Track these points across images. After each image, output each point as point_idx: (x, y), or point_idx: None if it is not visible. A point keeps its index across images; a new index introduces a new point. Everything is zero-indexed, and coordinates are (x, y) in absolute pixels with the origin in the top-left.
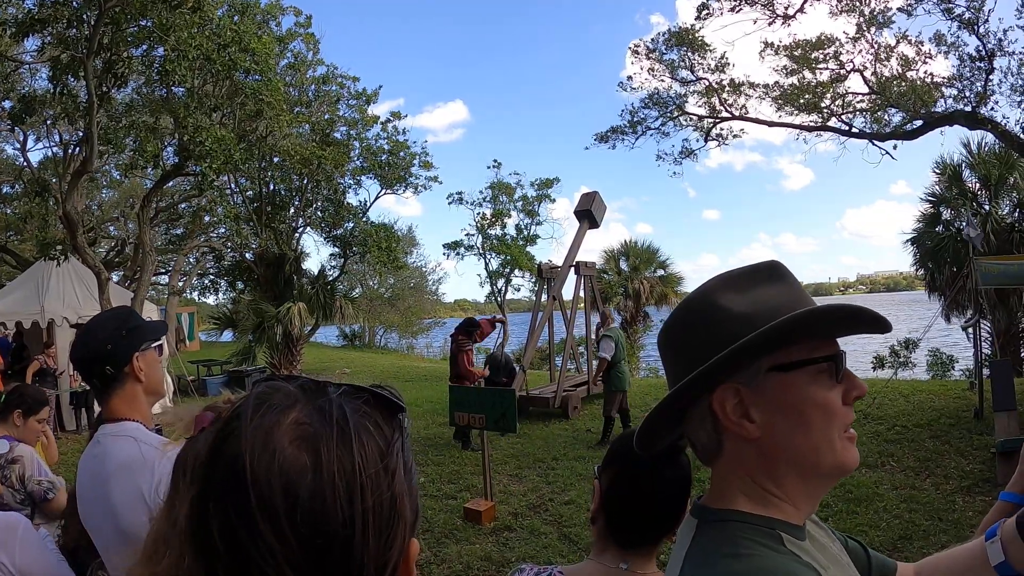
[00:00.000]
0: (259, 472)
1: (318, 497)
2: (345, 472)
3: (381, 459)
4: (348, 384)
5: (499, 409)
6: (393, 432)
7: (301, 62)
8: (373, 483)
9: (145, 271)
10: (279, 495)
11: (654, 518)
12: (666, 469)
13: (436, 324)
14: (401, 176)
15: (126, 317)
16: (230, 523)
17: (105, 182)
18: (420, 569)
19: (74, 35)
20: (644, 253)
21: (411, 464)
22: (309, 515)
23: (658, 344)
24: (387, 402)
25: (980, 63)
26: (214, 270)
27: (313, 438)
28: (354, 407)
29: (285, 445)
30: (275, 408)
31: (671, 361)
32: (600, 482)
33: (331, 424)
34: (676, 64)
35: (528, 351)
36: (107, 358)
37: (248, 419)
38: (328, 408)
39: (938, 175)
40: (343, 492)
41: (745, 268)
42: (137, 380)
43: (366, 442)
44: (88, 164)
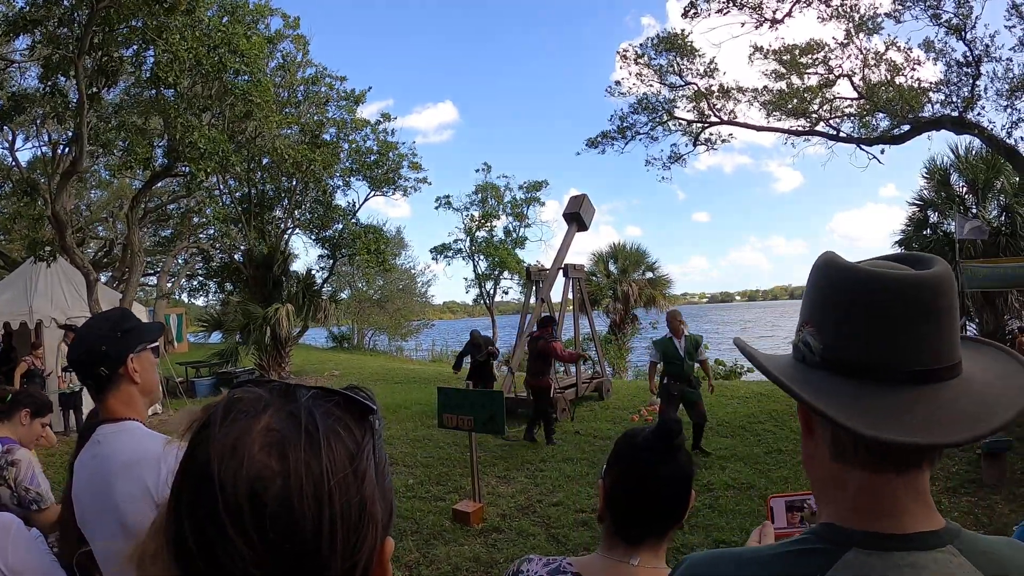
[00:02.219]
0: (227, 479)
1: (286, 503)
2: (313, 477)
3: (351, 462)
4: (319, 387)
5: (487, 411)
6: (364, 434)
7: (290, 63)
8: (342, 488)
9: (134, 272)
10: (246, 501)
11: (659, 513)
12: (667, 466)
13: (425, 326)
14: (390, 178)
15: (121, 319)
16: (202, 529)
17: (94, 182)
18: (408, 570)
19: (65, 34)
20: (633, 255)
21: (384, 464)
22: (277, 521)
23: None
24: (358, 404)
25: (967, 68)
26: (203, 271)
27: (282, 444)
28: (324, 411)
29: (255, 452)
30: (246, 414)
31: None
32: (604, 482)
33: (300, 429)
34: (665, 69)
35: (516, 353)
36: (102, 359)
37: (218, 426)
38: (298, 413)
39: (927, 179)
40: (311, 497)
41: (926, 293)
42: (132, 381)
43: (335, 446)
44: (77, 164)
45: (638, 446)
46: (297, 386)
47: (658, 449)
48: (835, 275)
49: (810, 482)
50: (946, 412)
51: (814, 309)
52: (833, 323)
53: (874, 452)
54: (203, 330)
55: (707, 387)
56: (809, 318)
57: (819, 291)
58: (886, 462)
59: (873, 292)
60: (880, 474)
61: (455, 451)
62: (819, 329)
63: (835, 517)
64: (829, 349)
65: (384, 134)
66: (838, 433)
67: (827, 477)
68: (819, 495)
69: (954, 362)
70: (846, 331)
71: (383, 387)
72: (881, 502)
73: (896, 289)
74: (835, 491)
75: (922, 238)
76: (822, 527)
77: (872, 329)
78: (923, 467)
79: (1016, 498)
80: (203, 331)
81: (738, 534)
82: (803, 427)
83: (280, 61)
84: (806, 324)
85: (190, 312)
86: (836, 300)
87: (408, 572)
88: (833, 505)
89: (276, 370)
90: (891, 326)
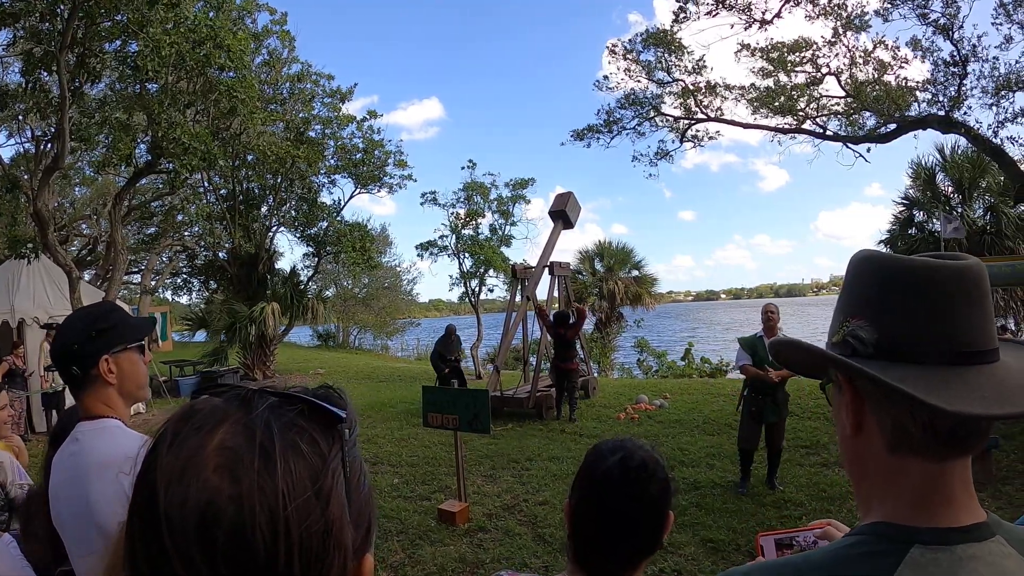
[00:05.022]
0: (173, 509)
1: (238, 534)
2: (268, 503)
3: (313, 482)
4: (282, 393)
5: (472, 410)
6: (331, 447)
7: (276, 59)
8: (301, 513)
9: (117, 270)
10: (194, 533)
11: (623, 549)
12: (630, 502)
13: (411, 324)
14: (375, 175)
15: (99, 316)
16: (153, 562)
17: (78, 179)
18: (394, 571)
19: (47, 29)
20: (619, 254)
21: (359, 475)
22: (228, 556)
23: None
24: (324, 412)
25: (954, 68)
26: (187, 269)
27: (234, 465)
28: (285, 422)
29: (207, 474)
30: (199, 430)
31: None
32: (570, 502)
33: (254, 447)
34: (653, 65)
35: (502, 351)
36: (72, 359)
37: (166, 446)
38: (253, 427)
39: (913, 178)
40: (265, 526)
41: (970, 279)
42: (107, 382)
43: (294, 465)
44: (59, 160)
45: (597, 479)
46: (257, 393)
47: (618, 483)
48: (889, 268)
49: (855, 483)
50: (1008, 387)
51: (864, 303)
52: (890, 313)
53: (941, 437)
54: (188, 329)
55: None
56: (857, 312)
57: (869, 285)
58: (950, 447)
59: (933, 281)
60: (941, 462)
61: (441, 450)
62: (872, 321)
63: (890, 515)
64: (886, 338)
65: (370, 131)
66: (902, 422)
67: (881, 473)
68: (869, 494)
69: (996, 345)
70: (904, 319)
71: (368, 385)
72: (940, 493)
73: (952, 277)
74: (890, 487)
75: (907, 237)
76: (878, 526)
77: (932, 315)
78: (972, 454)
79: (1001, 496)
80: (188, 330)
81: (725, 532)
82: (851, 426)
83: (266, 58)
84: (852, 318)
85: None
86: (893, 291)
87: (393, 573)
88: (889, 502)
89: (261, 369)
90: (949, 311)
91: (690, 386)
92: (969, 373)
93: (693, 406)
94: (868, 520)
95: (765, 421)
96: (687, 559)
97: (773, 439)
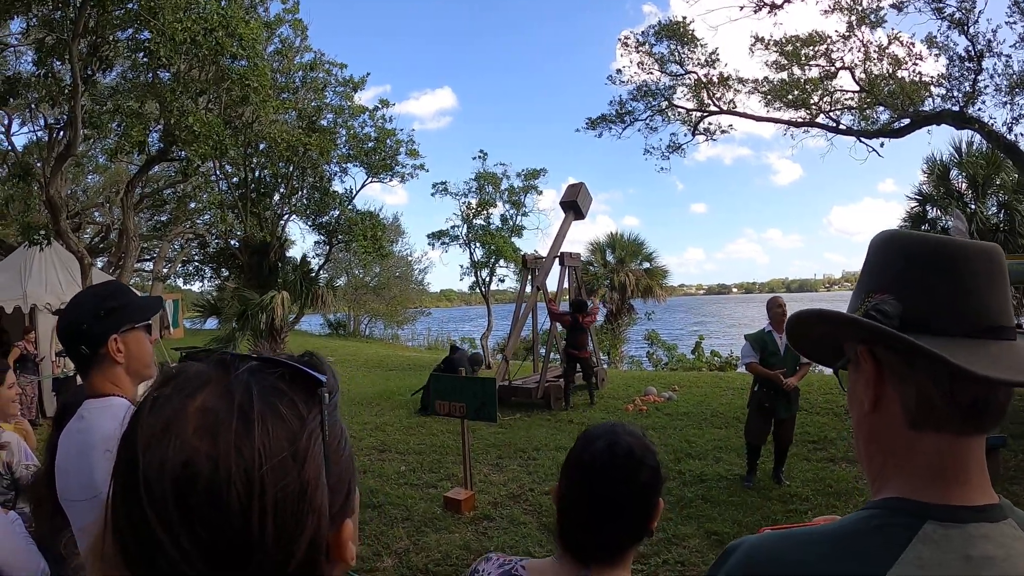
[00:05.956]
0: (151, 469)
1: (214, 493)
2: (244, 463)
3: (291, 443)
4: (262, 358)
5: (479, 398)
6: (311, 410)
7: (288, 48)
8: (276, 473)
9: (128, 257)
10: (171, 493)
11: (609, 532)
12: (617, 486)
13: (421, 314)
14: (387, 164)
15: (108, 295)
16: (132, 523)
17: (91, 167)
18: (398, 557)
19: (59, 17)
20: (630, 246)
21: (339, 439)
22: (205, 516)
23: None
24: (305, 376)
25: (969, 63)
26: (199, 257)
27: (214, 427)
28: (265, 385)
29: (187, 435)
30: (180, 392)
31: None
32: (559, 485)
33: (233, 409)
34: (666, 57)
35: (511, 341)
36: (81, 338)
37: (148, 408)
38: (233, 389)
39: (927, 174)
40: (240, 485)
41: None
42: (115, 361)
43: (272, 426)
44: (71, 148)
45: (585, 463)
46: (239, 357)
47: (606, 467)
48: (916, 246)
49: (868, 461)
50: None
51: (888, 280)
52: (916, 288)
53: (961, 408)
54: (199, 316)
55: (793, 379)
56: (881, 287)
57: (894, 263)
58: (968, 421)
59: (962, 258)
60: (960, 437)
61: (448, 438)
62: (897, 296)
63: (904, 491)
64: (911, 311)
65: (382, 120)
66: (924, 392)
67: (897, 449)
68: (883, 471)
69: (1014, 324)
70: (930, 294)
71: (378, 374)
72: (955, 470)
73: (980, 255)
74: (905, 463)
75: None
76: (891, 501)
77: (959, 290)
78: (986, 432)
79: (1009, 495)
80: (199, 317)
81: (730, 525)
82: (870, 401)
83: (278, 46)
84: (875, 294)
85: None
86: (920, 267)
87: (398, 559)
88: (903, 477)
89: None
90: (976, 287)
91: (699, 379)
92: (992, 346)
93: (702, 399)
94: (881, 496)
95: (778, 417)
96: (691, 551)
97: (783, 434)
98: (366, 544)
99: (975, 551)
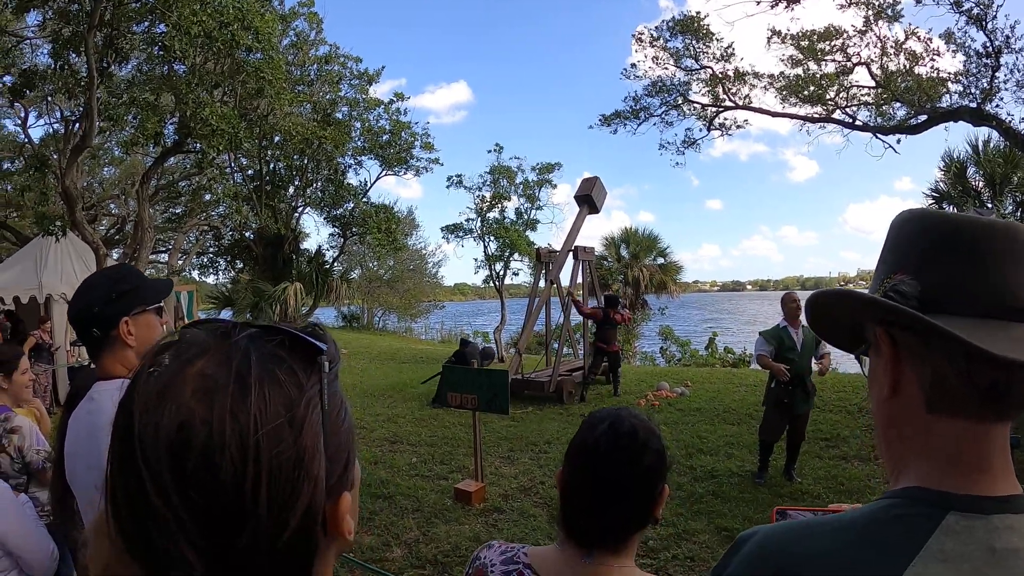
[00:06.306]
0: (147, 432)
1: (208, 457)
2: (239, 427)
3: (287, 410)
4: (263, 325)
5: (491, 390)
6: (310, 378)
7: (303, 41)
8: (272, 439)
9: (143, 248)
10: (165, 458)
11: (612, 517)
12: (621, 468)
13: (435, 307)
14: (402, 157)
15: (119, 279)
16: (127, 488)
17: (106, 160)
18: (408, 548)
19: (76, 10)
20: (645, 241)
21: (339, 409)
22: (198, 480)
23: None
24: (305, 344)
25: (987, 59)
26: (213, 249)
27: (210, 392)
28: (264, 352)
29: (184, 400)
30: (180, 357)
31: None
32: (562, 470)
33: (230, 374)
34: (681, 52)
35: (524, 335)
36: (93, 321)
37: (145, 373)
38: (232, 355)
39: (943, 171)
40: (236, 450)
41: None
42: (126, 344)
43: (269, 392)
44: (87, 139)
45: (589, 446)
46: (239, 325)
47: (609, 449)
48: (937, 224)
49: (886, 448)
50: None
51: (908, 259)
52: (936, 267)
53: (979, 390)
54: (214, 307)
55: (817, 371)
56: (900, 268)
57: (915, 242)
58: (988, 405)
59: (984, 236)
60: (979, 422)
61: (460, 431)
62: (916, 275)
63: (924, 479)
64: (930, 291)
65: (397, 114)
66: (941, 373)
67: (916, 435)
68: (901, 459)
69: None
70: (951, 272)
71: (391, 366)
72: (977, 458)
73: (1002, 234)
74: (925, 450)
75: None
76: (912, 490)
77: (981, 268)
78: (1009, 420)
79: None
80: (214, 308)
81: (741, 521)
82: (889, 386)
83: (293, 39)
84: (895, 274)
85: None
86: (941, 246)
87: (407, 550)
88: (923, 466)
89: None
90: (998, 266)
91: (712, 375)
92: (1014, 328)
93: (714, 395)
94: (900, 485)
95: (797, 412)
96: (701, 546)
97: (796, 430)
98: (376, 534)
99: (1000, 543)
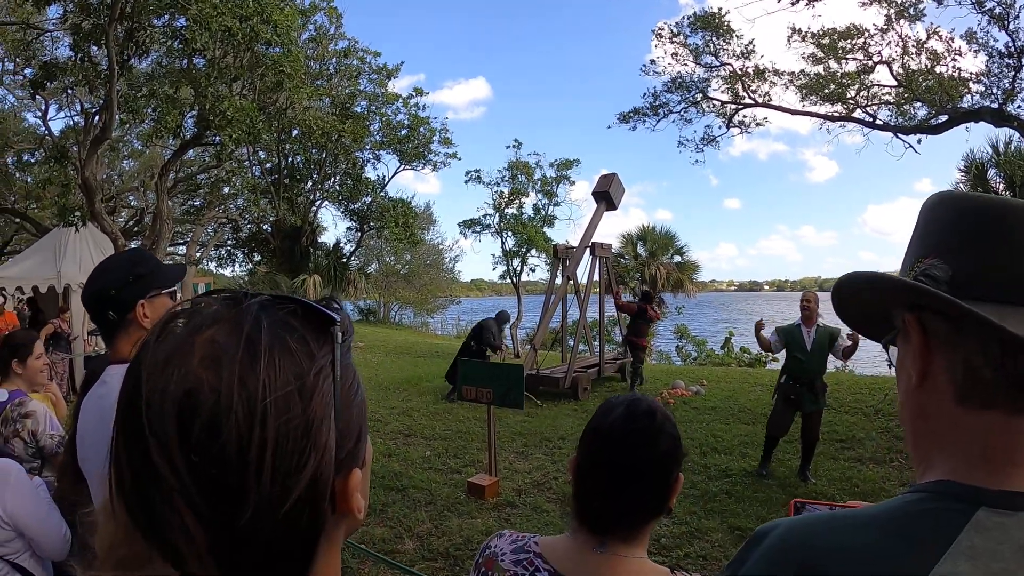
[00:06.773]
0: (154, 396)
1: (215, 424)
2: (247, 394)
3: (297, 379)
4: (274, 295)
5: (505, 384)
6: (322, 348)
7: (323, 35)
8: (280, 407)
9: (161, 240)
10: (172, 421)
11: (625, 504)
12: (636, 452)
13: (452, 302)
14: (420, 152)
15: (136, 262)
16: (130, 455)
17: (126, 152)
18: (420, 541)
19: (96, 3)
20: (662, 239)
21: (351, 381)
22: (204, 444)
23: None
24: (318, 314)
25: (1009, 59)
26: (231, 241)
27: (219, 359)
28: (275, 320)
29: (192, 367)
30: (188, 325)
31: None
32: (577, 458)
33: (240, 341)
34: (700, 48)
35: (540, 331)
36: (110, 303)
37: (155, 339)
38: (242, 321)
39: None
40: (243, 416)
41: None
42: (141, 327)
43: (279, 360)
44: (107, 131)
45: (603, 431)
46: (250, 294)
47: (624, 432)
48: (969, 207)
49: (913, 440)
50: None
51: (939, 243)
52: (968, 250)
53: (1012, 378)
54: None
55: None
56: (932, 251)
57: (945, 226)
58: (1021, 393)
59: (1020, 219)
60: (1011, 415)
61: (474, 425)
62: (947, 260)
63: (953, 473)
64: (961, 275)
65: (415, 108)
66: (972, 362)
67: (945, 426)
68: (929, 451)
69: None
70: (982, 256)
71: (406, 360)
72: (1009, 451)
73: None
74: (955, 442)
75: None
76: (940, 484)
77: (1014, 253)
78: None
79: None
80: None
81: (754, 521)
82: (917, 374)
83: (312, 33)
84: (926, 258)
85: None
86: (972, 229)
87: (420, 542)
88: (952, 459)
89: None
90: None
91: (728, 374)
92: None
93: (730, 394)
94: (928, 478)
95: (803, 410)
96: (714, 545)
97: (809, 430)
98: (388, 526)
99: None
